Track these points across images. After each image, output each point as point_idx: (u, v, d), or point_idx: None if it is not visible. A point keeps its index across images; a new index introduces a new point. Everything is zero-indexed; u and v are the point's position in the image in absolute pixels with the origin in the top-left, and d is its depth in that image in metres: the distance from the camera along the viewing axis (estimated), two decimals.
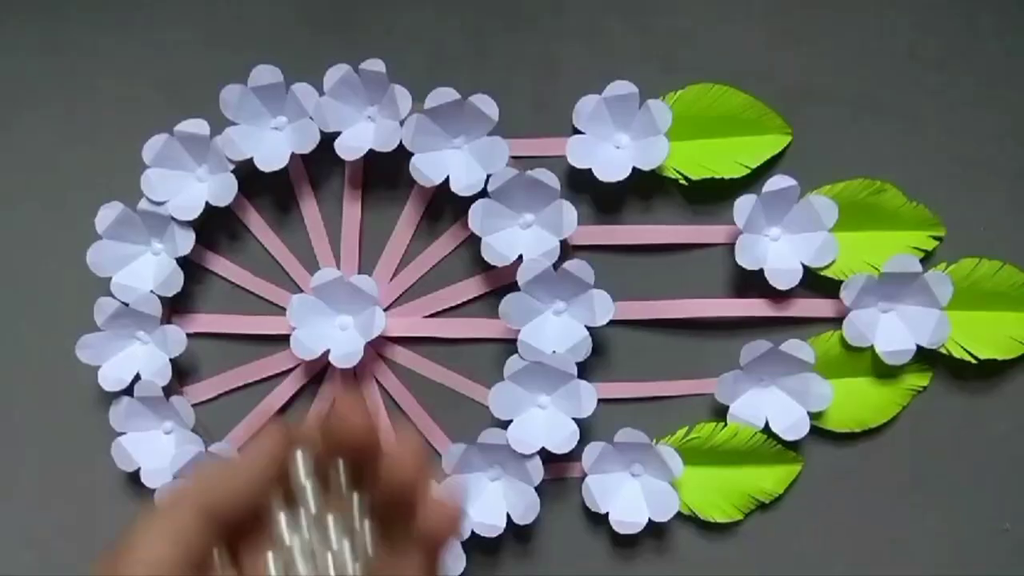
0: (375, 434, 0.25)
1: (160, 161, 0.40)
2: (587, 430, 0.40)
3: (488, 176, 0.40)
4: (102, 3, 0.43)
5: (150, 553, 0.24)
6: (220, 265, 0.43)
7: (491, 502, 0.40)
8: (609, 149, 0.41)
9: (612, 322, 0.39)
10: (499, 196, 0.40)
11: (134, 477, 0.42)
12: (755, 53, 0.42)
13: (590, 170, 0.40)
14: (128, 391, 0.41)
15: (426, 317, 0.42)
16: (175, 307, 0.42)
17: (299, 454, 0.26)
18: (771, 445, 0.40)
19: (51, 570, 0.43)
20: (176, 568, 0.24)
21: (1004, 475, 0.41)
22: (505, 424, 0.40)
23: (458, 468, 0.40)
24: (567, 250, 0.41)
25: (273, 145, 0.41)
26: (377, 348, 0.42)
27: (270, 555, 0.26)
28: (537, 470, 0.39)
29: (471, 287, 0.42)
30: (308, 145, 0.40)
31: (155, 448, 0.41)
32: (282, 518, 0.27)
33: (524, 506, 0.39)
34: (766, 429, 0.40)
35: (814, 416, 0.40)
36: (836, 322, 0.41)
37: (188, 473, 0.40)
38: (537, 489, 0.39)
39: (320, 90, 0.40)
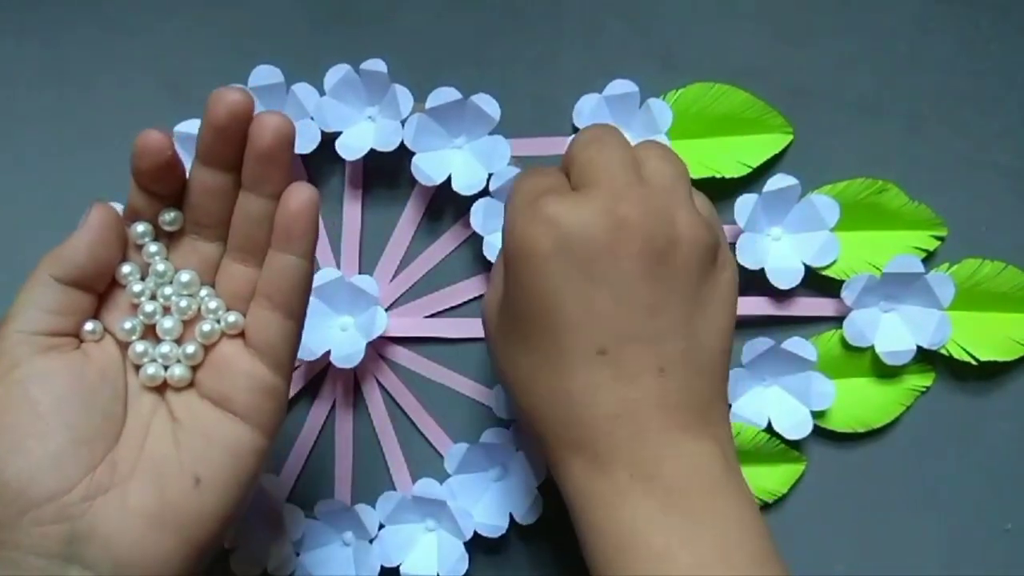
0: (167, 138, 0.30)
1: None
2: None
3: (490, 175, 0.40)
4: (102, 2, 0.43)
5: (20, 318, 0.28)
6: None
7: (494, 503, 0.39)
8: None
9: None
10: (500, 195, 0.40)
11: None
12: (756, 52, 0.42)
13: None
14: None
15: (427, 317, 0.42)
16: None
17: (136, 225, 0.31)
18: (774, 444, 0.40)
19: None
20: (42, 323, 0.29)
21: (1005, 475, 0.41)
22: (507, 424, 0.40)
23: (460, 468, 0.40)
24: None
25: None
26: (378, 348, 0.41)
27: (128, 319, 0.30)
28: (540, 470, 0.39)
29: (472, 287, 0.42)
30: (309, 145, 0.40)
31: None
32: (134, 283, 0.30)
33: (527, 506, 0.39)
34: (769, 428, 0.40)
35: (817, 415, 0.40)
36: (838, 321, 0.41)
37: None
38: (540, 489, 0.39)
39: (320, 90, 0.40)
